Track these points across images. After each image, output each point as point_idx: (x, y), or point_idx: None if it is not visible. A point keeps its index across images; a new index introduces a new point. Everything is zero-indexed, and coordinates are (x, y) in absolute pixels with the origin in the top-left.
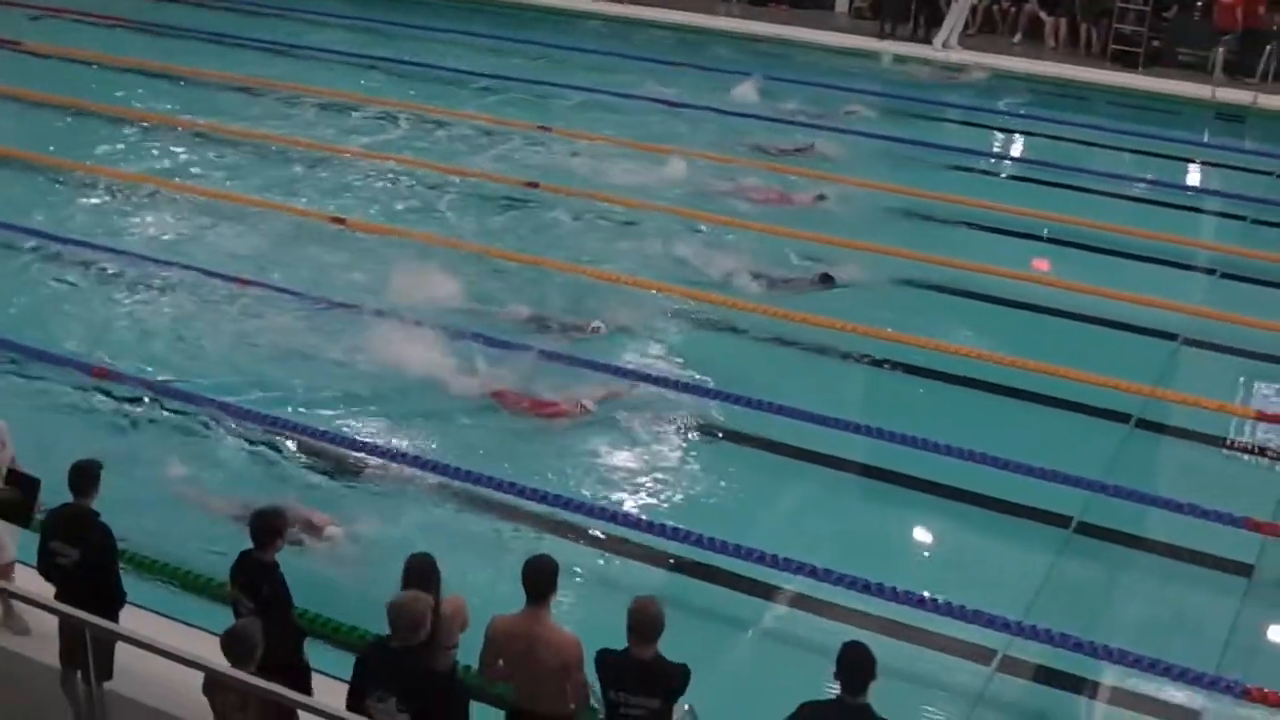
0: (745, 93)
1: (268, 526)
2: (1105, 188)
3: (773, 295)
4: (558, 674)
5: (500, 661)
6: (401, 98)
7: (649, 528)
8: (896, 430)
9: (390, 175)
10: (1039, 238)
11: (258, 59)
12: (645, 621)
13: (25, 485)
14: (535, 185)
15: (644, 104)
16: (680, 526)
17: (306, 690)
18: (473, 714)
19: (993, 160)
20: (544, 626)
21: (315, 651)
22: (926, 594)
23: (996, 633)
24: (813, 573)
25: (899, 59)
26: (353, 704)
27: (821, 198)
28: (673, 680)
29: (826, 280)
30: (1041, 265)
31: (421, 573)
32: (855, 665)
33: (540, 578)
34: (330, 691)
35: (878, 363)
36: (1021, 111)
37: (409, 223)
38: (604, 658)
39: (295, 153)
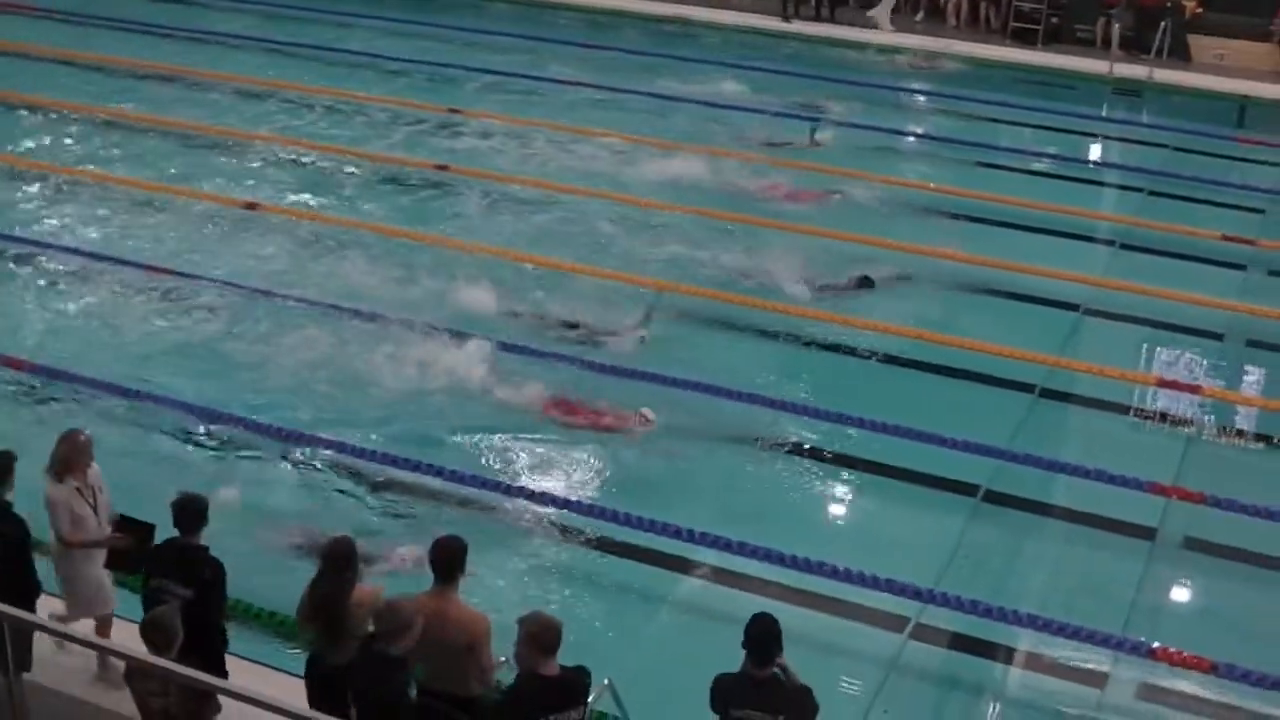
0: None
1: (195, 510)
2: (1008, 162)
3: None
4: (464, 653)
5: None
6: (311, 82)
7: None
8: (808, 404)
9: (301, 159)
10: (945, 212)
11: (166, 46)
12: (545, 634)
13: (138, 532)
14: (445, 168)
15: (555, 86)
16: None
17: (221, 672)
18: None
19: (895, 136)
20: (452, 605)
21: None
22: (839, 564)
23: (909, 600)
24: (727, 546)
25: (804, 39)
26: None
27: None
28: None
29: (866, 283)
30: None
31: (338, 557)
32: (762, 637)
33: (448, 557)
34: (246, 673)
35: (787, 337)
36: (923, 88)
37: (322, 208)
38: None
39: (205, 139)
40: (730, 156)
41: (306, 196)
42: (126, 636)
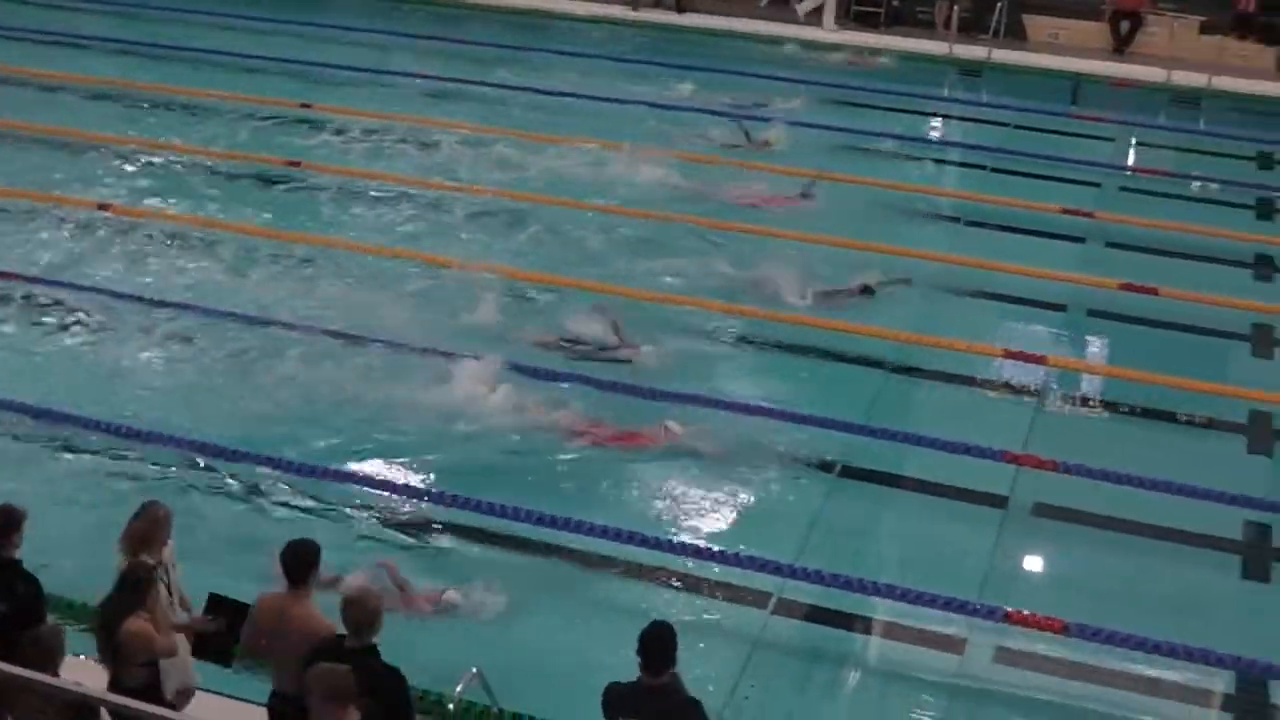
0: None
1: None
2: (854, 144)
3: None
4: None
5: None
6: (159, 80)
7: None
8: (668, 389)
9: (152, 161)
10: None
11: (13, 49)
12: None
13: (231, 613)
14: (298, 164)
15: (409, 80)
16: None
17: None
18: None
19: (746, 121)
20: (298, 609)
21: None
22: (702, 544)
23: (770, 576)
24: (590, 530)
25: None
26: None
27: None
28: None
29: (866, 291)
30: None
31: (126, 579)
32: (656, 645)
33: (297, 560)
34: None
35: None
36: (769, 74)
37: (177, 208)
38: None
39: (55, 141)
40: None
41: (160, 199)
42: None
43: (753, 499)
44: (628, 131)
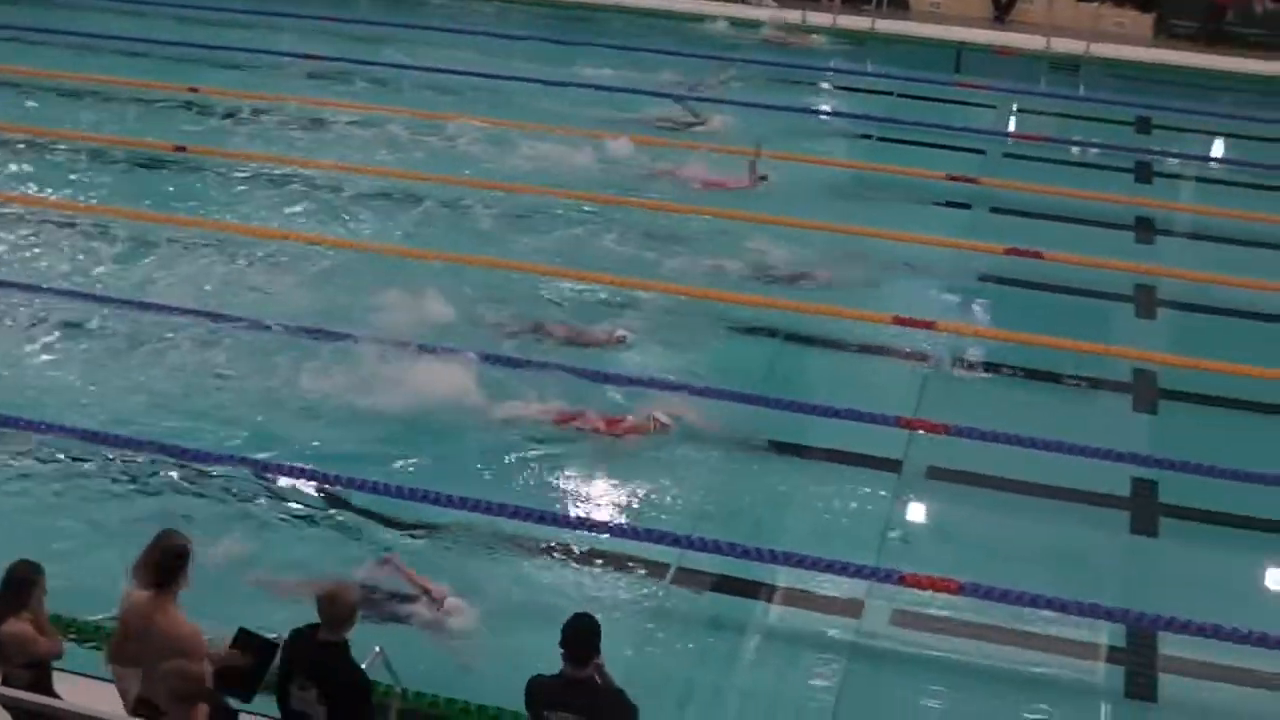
0: None
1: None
2: (741, 116)
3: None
4: (170, 663)
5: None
6: (41, 66)
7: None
8: (559, 361)
9: (30, 146)
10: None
11: None
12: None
13: (259, 649)
14: (183, 149)
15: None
16: None
17: None
18: None
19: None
20: (163, 614)
21: None
22: (600, 518)
23: (668, 548)
24: (488, 509)
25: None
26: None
27: None
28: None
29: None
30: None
31: (17, 584)
32: (578, 637)
33: (163, 561)
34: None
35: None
36: (657, 48)
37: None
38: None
39: None
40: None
41: (43, 186)
42: None
43: (650, 470)
44: (556, 114)
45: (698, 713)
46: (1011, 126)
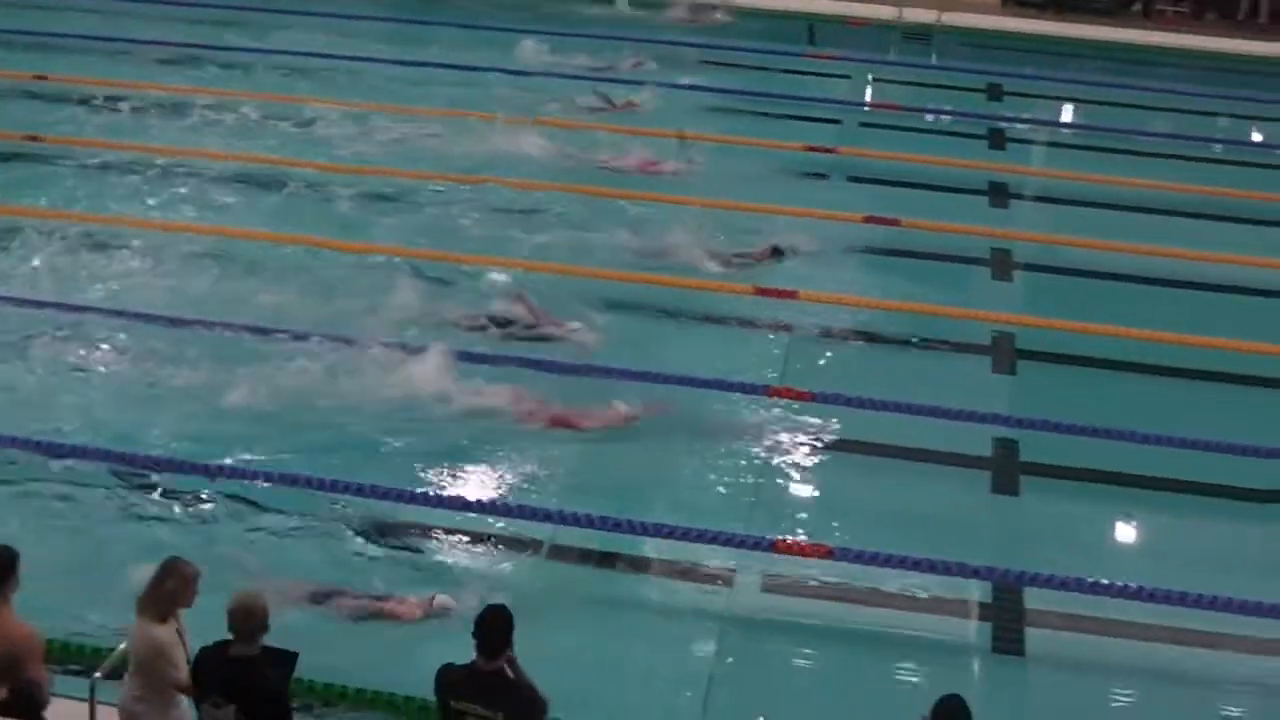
0: None
1: None
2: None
3: None
4: (7, 667)
5: None
6: None
7: None
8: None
9: None
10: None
11: None
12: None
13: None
14: (36, 139)
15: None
16: None
17: None
18: None
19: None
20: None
21: None
22: (473, 497)
23: (540, 524)
24: (371, 492)
25: None
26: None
27: None
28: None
29: (777, 253)
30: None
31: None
32: (490, 629)
33: None
34: None
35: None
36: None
37: None
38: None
39: None
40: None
41: None
42: None
43: (518, 448)
44: (471, 100)
45: (575, 687)
46: (867, 96)
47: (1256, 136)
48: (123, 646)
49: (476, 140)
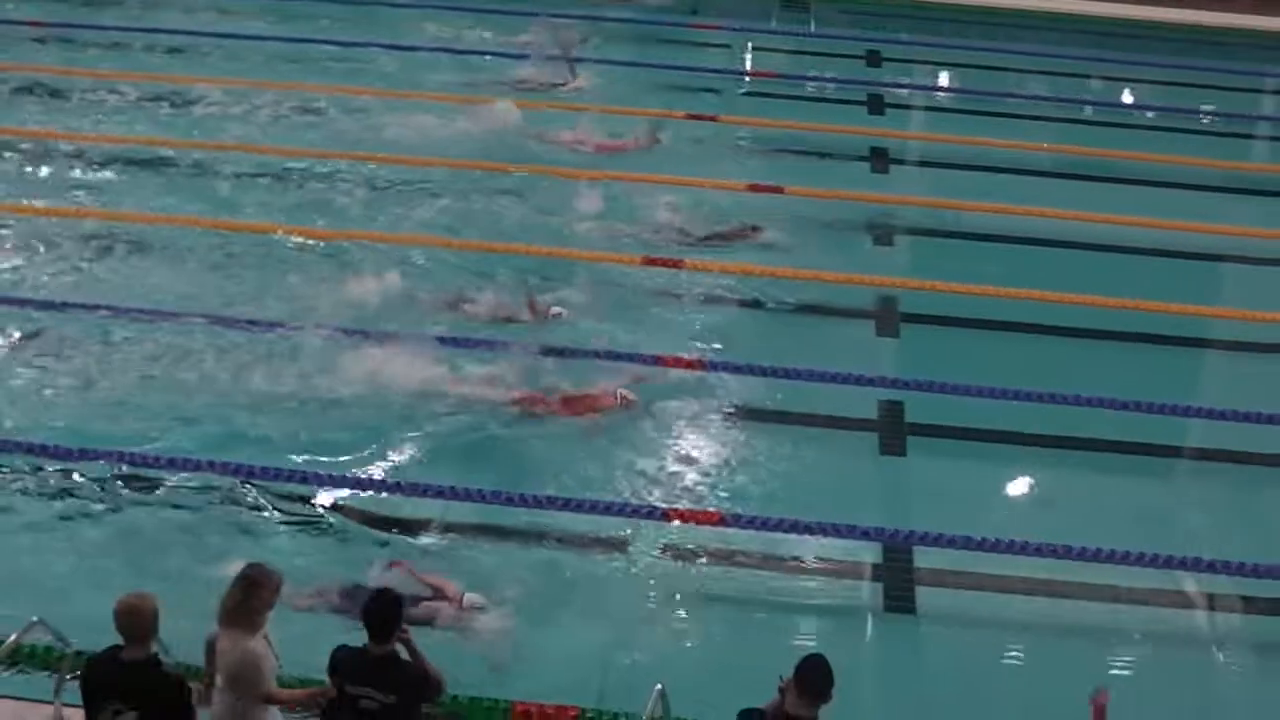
0: None
1: None
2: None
3: None
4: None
5: None
6: None
7: None
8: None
9: None
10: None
11: None
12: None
13: None
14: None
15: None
16: None
17: None
18: None
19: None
20: None
21: None
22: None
23: (435, 500)
24: (222, 467)
25: None
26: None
27: None
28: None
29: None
30: None
31: None
32: (379, 614)
33: None
34: None
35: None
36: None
37: None
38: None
39: None
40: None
41: None
42: None
43: (428, 427)
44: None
45: (474, 661)
46: (748, 65)
47: (1128, 98)
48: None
49: (358, 120)
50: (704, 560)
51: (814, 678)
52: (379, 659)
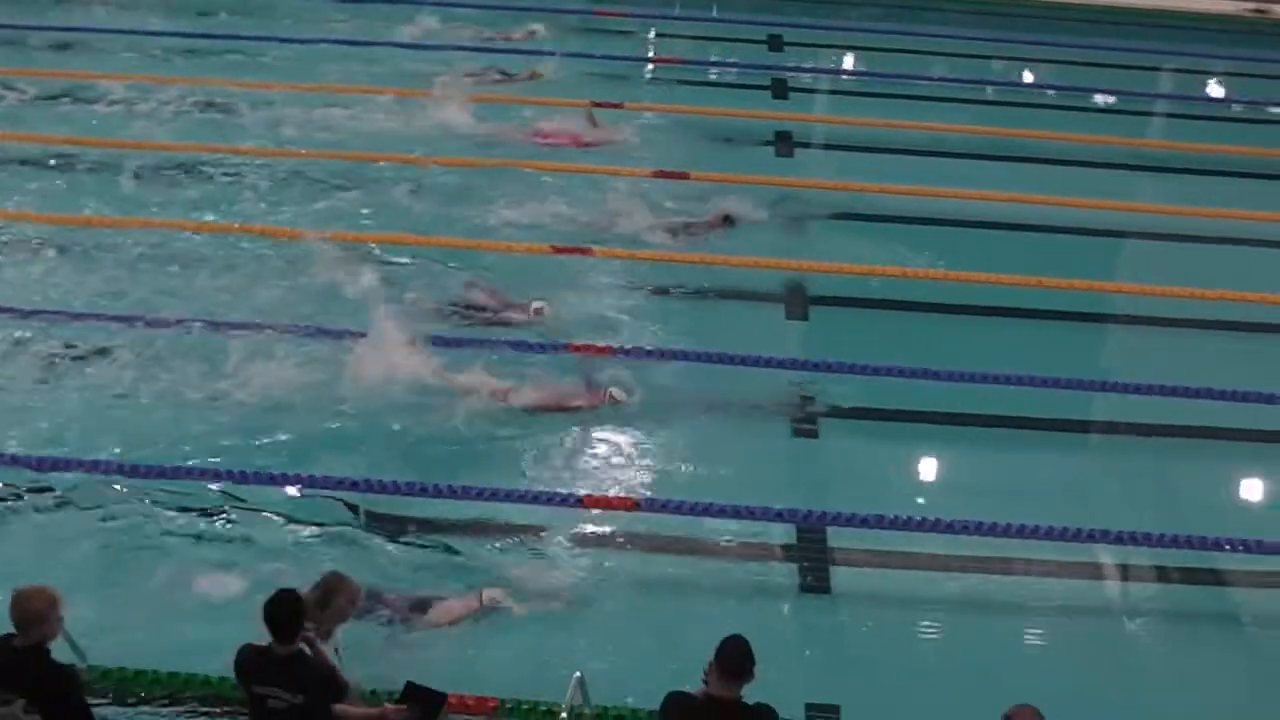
0: None
1: None
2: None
3: None
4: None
5: None
6: None
7: None
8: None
9: None
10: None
11: None
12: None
13: (428, 702)
14: None
15: None
16: None
17: None
18: None
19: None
20: None
21: None
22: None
23: (353, 492)
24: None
25: None
26: None
27: None
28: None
29: (728, 221)
30: None
31: None
32: (280, 614)
33: None
34: None
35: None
36: None
37: None
38: None
39: None
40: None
41: None
42: None
43: (320, 421)
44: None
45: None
46: (651, 52)
47: (1028, 77)
48: None
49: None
50: (621, 547)
51: (733, 658)
52: (285, 658)
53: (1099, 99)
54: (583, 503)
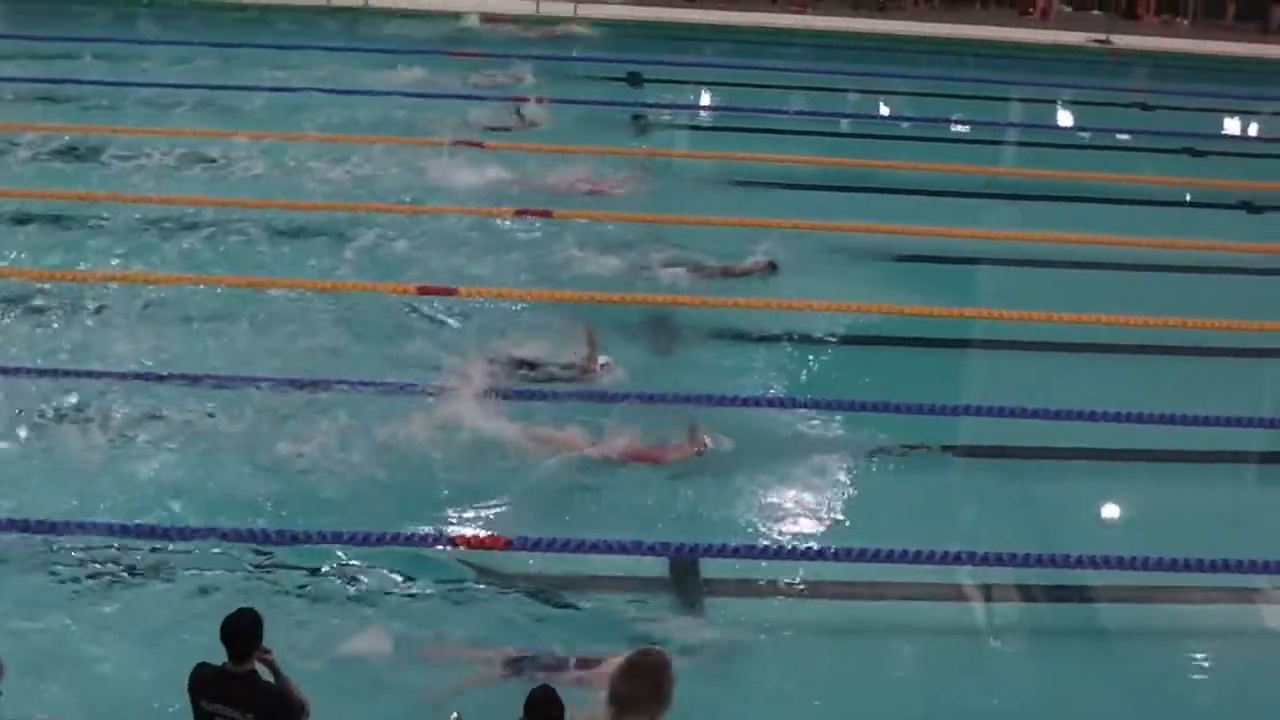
0: None
1: None
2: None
3: None
4: None
5: None
6: None
7: None
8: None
9: None
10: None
11: None
12: None
13: None
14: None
15: None
16: None
17: None
18: None
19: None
20: None
21: None
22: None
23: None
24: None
25: None
26: None
27: None
28: None
29: (772, 268)
30: None
31: None
32: (236, 632)
33: None
34: None
35: None
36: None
37: None
38: None
39: None
40: None
41: None
42: None
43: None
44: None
45: None
46: (515, 90)
47: (884, 110)
48: None
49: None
50: (493, 586)
51: (537, 712)
52: (237, 677)
53: (950, 128)
54: (454, 542)
